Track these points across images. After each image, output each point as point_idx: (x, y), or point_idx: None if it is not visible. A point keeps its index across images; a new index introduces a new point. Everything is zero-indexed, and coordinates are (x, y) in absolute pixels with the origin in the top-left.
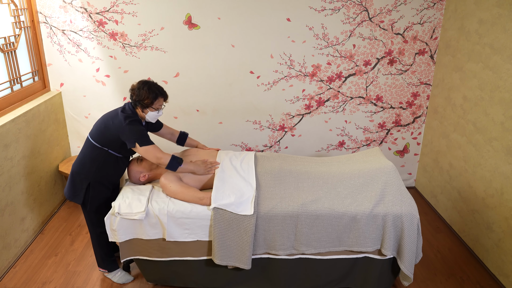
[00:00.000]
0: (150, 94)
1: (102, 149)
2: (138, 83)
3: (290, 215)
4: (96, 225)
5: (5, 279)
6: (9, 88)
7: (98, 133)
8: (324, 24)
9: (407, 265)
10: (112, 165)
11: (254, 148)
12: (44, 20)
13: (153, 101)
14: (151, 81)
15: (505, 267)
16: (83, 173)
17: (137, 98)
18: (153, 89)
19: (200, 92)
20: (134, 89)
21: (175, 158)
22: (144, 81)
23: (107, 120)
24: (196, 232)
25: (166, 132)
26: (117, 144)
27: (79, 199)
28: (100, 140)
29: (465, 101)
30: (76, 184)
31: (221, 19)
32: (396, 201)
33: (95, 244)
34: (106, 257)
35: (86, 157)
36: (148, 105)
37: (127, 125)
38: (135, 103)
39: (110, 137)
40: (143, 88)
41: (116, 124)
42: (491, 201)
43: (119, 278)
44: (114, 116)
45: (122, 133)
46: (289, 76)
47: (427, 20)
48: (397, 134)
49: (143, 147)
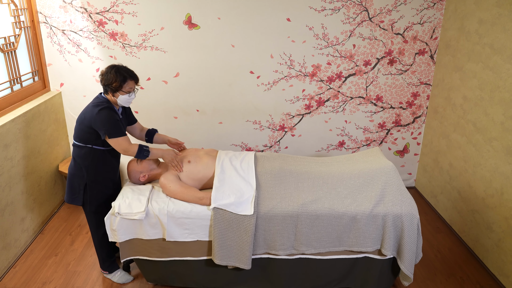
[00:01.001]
0: (118, 77)
1: (86, 146)
2: (106, 68)
3: (290, 215)
4: (98, 226)
5: (5, 279)
6: (9, 88)
7: (77, 132)
8: (324, 24)
9: (407, 265)
10: (101, 160)
11: (254, 148)
12: (44, 20)
13: (121, 84)
14: (120, 65)
15: (505, 267)
16: (78, 175)
17: (106, 83)
18: (121, 71)
19: (200, 92)
20: (102, 74)
21: (142, 147)
22: (112, 65)
23: (81, 116)
24: (196, 232)
25: (138, 127)
26: (95, 136)
27: (78, 201)
28: (80, 138)
29: (465, 101)
30: (74, 186)
31: (221, 19)
32: (396, 201)
33: (97, 246)
34: (107, 258)
35: (76, 159)
36: (118, 88)
37: (97, 114)
38: (105, 88)
39: (87, 131)
40: (111, 71)
41: (88, 116)
42: (491, 201)
43: (119, 278)
44: (85, 110)
45: (94, 122)
46: (289, 76)
47: (427, 20)
48: (397, 134)
49: (112, 139)
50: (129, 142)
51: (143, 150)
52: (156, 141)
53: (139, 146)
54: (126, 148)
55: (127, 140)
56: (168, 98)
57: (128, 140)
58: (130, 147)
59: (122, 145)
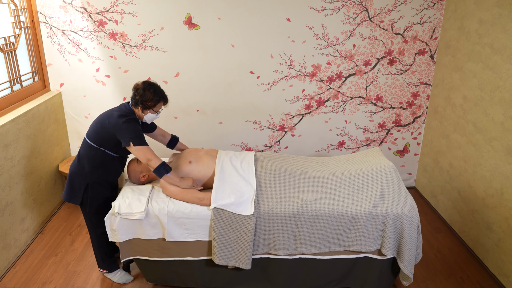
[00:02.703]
0: (155, 97)
1: (98, 149)
2: (144, 84)
3: (290, 215)
4: (96, 226)
5: (5, 279)
6: (9, 88)
7: (94, 133)
8: (324, 24)
9: (407, 265)
10: (109, 166)
11: (254, 148)
12: (44, 20)
13: (156, 104)
14: (156, 84)
15: (505, 267)
16: (81, 174)
17: (141, 99)
18: (158, 92)
19: (200, 92)
20: (138, 89)
21: (164, 164)
22: (150, 83)
23: (103, 119)
24: (196, 232)
25: (159, 134)
26: (113, 143)
27: (77, 200)
28: (96, 140)
29: (465, 101)
30: (75, 185)
31: (221, 19)
32: (396, 201)
33: (95, 245)
34: (106, 257)
35: (84, 158)
36: (151, 107)
37: (123, 123)
38: (137, 102)
39: (106, 136)
40: (149, 90)
41: (112, 123)
42: (491, 201)
43: (119, 278)
44: (110, 115)
45: (118, 131)
46: (289, 76)
47: (427, 20)
48: (397, 134)
49: (136, 146)
50: (153, 152)
51: (164, 167)
52: (178, 148)
53: (163, 162)
54: (149, 157)
55: (151, 150)
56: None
57: (152, 151)
58: (154, 158)
59: (146, 154)
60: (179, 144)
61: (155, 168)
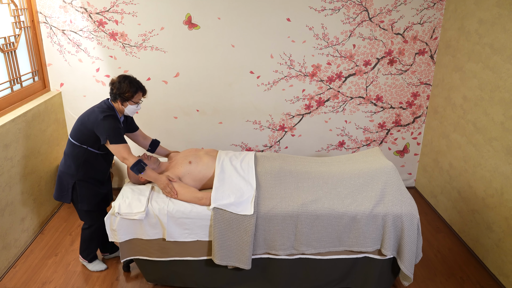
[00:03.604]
0: (131, 88)
1: (81, 147)
2: (119, 77)
3: (290, 215)
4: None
5: (5, 279)
6: (9, 88)
7: (75, 131)
8: (324, 24)
9: (407, 265)
10: (93, 163)
11: (254, 148)
12: (44, 20)
13: (133, 94)
14: (131, 76)
15: (505, 267)
16: (68, 173)
17: (118, 92)
18: (134, 83)
19: (200, 92)
20: (114, 83)
21: (139, 163)
22: (125, 75)
23: (83, 117)
24: (196, 232)
25: (140, 135)
26: (93, 140)
27: (67, 199)
28: (78, 138)
29: (465, 101)
30: (63, 183)
31: (221, 19)
32: (396, 201)
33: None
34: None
35: (68, 157)
36: (129, 98)
37: (101, 120)
38: (115, 96)
39: (87, 133)
40: (124, 81)
41: (92, 120)
42: (491, 201)
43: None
44: (90, 113)
45: (97, 127)
46: (289, 76)
47: (427, 20)
48: (397, 134)
49: (113, 145)
50: (129, 151)
51: (140, 165)
52: (159, 152)
53: (138, 160)
54: (124, 156)
55: (127, 149)
56: (168, 98)
57: (128, 149)
58: (129, 156)
59: (121, 152)
60: (160, 148)
61: (131, 166)
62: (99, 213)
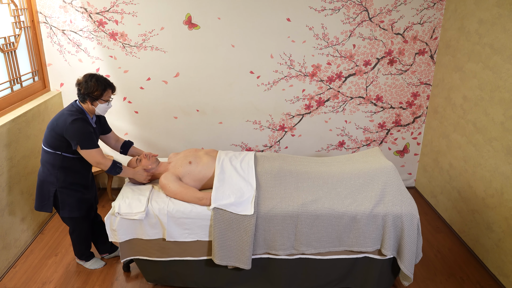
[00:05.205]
0: (100, 86)
1: (55, 153)
2: (85, 76)
3: (290, 215)
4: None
5: (5, 279)
6: (9, 88)
7: (47, 138)
8: (324, 24)
9: (407, 265)
10: (71, 168)
11: (254, 148)
12: (44, 20)
13: (102, 92)
14: (98, 74)
15: (505, 267)
16: (48, 181)
17: (86, 91)
18: (101, 81)
19: (200, 92)
20: (81, 83)
21: (115, 163)
22: (91, 73)
23: (52, 122)
24: (196, 232)
25: (113, 138)
26: (66, 145)
27: (48, 208)
28: (50, 144)
29: (465, 101)
30: (44, 193)
31: (221, 19)
32: (396, 201)
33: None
34: (85, 251)
35: (45, 165)
36: (98, 97)
37: (70, 124)
38: (84, 96)
39: (58, 138)
40: (91, 80)
41: (60, 125)
42: (491, 201)
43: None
44: (59, 117)
45: (66, 132)
46: (289, 76)
47: (427, 20)
48: (397, 134)
49: (84, 150)
50: (102, 155)
51: (116, 167)
52: (131, 154)
53: (113, 161)
54: (98, 160)
55: (100, 153)
56: (168, 98)
57: (101, 153)
58: (104, 160)
59: (94, 157)
60: (133, 148)
61: (107, 169)
62: (81, 218)
